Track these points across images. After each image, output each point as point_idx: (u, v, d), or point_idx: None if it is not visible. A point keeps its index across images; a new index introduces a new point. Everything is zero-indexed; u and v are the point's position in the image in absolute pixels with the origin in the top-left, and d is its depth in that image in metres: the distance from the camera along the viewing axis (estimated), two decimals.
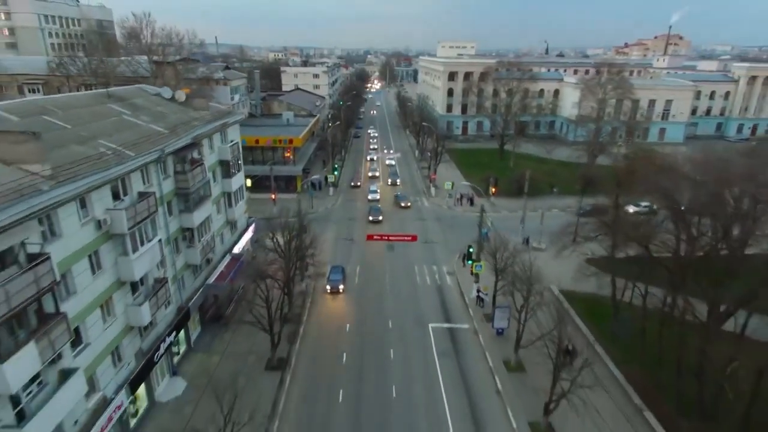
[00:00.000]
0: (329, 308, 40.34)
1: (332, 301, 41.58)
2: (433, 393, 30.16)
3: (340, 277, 43.63)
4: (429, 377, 31.66)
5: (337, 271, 44.50)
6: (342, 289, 42.70)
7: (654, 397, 27.76)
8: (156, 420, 27.06)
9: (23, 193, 18.01)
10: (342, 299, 41.77)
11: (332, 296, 42.21)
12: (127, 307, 25.50)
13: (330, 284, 42.82)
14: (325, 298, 41.97)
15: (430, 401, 29.41)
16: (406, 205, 65.50)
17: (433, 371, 32.24)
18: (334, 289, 42.74)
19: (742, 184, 28.65)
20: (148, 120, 31.99)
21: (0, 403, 17.10)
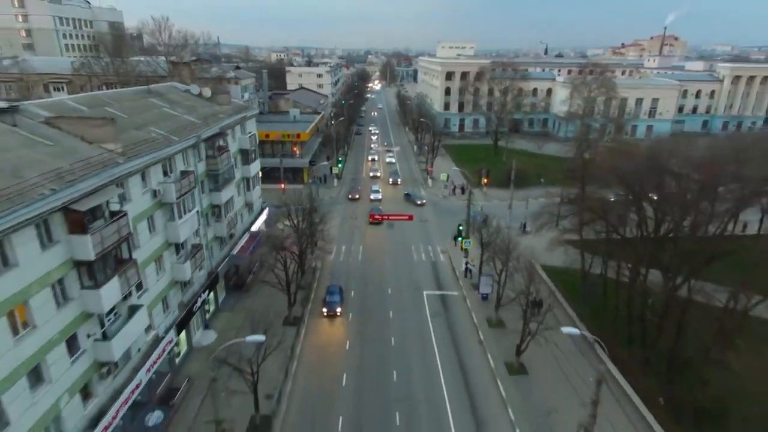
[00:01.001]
0: (337, 277, 45.69)
1: (339, 270, 46.97)
2: (426, 343, 35.66)
3: (337, 299, 39.47)
4: (422, 332, 37.15)
5: (334, 291, 40.29)
6: (340, 312, 38.79)
7: (607, 338, 33.29)
8: (194, 360, 32.56)
9: (106, 164, 23.56)
10: (346, 270, 47.15)
11: (341, 267, 47.32)
12: (173, 264, 31.04)
13: (326, 307, 38.85)
14: (333, 268, 47.32)
15: (423, 349, 34.89)
16: (421, 203, 66.85)
17: (426, 327, 37.74)
18: (331, 312, 38.58)
19: (682, 172, 33.87)
20: (182, 112, 37.48)
21: (92, 323, 22.60)
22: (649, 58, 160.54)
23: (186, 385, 29.57)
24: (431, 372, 32.37)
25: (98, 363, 22.98)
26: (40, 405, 19.25)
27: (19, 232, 17.87)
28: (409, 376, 31.90)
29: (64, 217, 20.31)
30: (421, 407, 29.06)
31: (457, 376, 32.01)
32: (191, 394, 29.36)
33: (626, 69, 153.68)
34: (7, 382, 17.51)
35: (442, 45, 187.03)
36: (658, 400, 28.60)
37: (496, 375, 31.67)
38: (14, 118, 23.64)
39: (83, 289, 21.52)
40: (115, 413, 23.50)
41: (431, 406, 29.10)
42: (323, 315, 38.65)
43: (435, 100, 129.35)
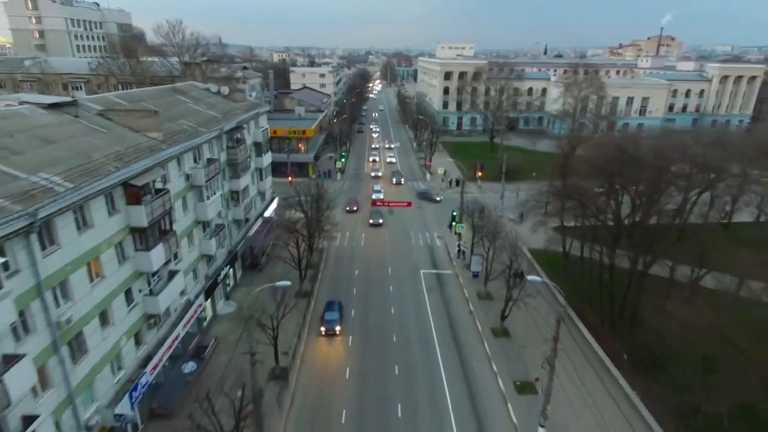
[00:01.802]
0: (341, 260, 50.25)
1: (344, 254, 51.48)
2: (421, 314, 40.17)
3: (336, 316, 36.52)
4: (419, 304, 41.67)
5: (333, 308, 37.56)
6: (339, 331, 35.93)
7: (581, 306, 37.93)
8: (219, 324, 37.12)
9: (152, 149, 28.11)
10: (350, 254, 51.64)
11: (344, 252, 51.83)
12: (201, 240, 35.60)
13: (325, 325, 35.92)
14: (338, 252, 51.81)
15: (419, 318, 39.40)
16: (438, 199, 69.86)
17: (422, 300, 42.27)
18: (330, 331, 35.59)
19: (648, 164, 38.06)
20: (205, 107, 42.03)
21: (143, 281, 27.13)
22: (643, 59, 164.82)
23: (213, 344, 34.07)
24: (427, 337, 36.83)
25: (147, 315, 27.53)
26: (107, 342, 23.78)
27: (94, 200, 22.40)
28: (408, 340, 36.34)
29: (124, 190, 24.85)
30: (418, 362, 33.53)
31: (449, 340, 36.50)
32: (218, 351, 33.86)
33: (620, 69, 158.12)
34: (87, 318, 22.05)
35: (441, 45, 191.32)
36: (622, 357, 33.10)
37: (483, 338, 36.21)
38: (76, 110, 28.17)
39: (137, 251, 26.08)
40: (160, 358, 28.05)
41: (426, 364, 33.57)
42: (321, 334, 35.85)
43: (434, 99, 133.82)
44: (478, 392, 30.72)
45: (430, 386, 31.22)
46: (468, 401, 29.94)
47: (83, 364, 21.88)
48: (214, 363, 32.71)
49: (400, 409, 29.02)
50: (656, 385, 29.67)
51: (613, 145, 43.72)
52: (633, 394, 29.45)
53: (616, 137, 55.51)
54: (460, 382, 31.71)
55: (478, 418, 28.58)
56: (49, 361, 19.60)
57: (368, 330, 37.51)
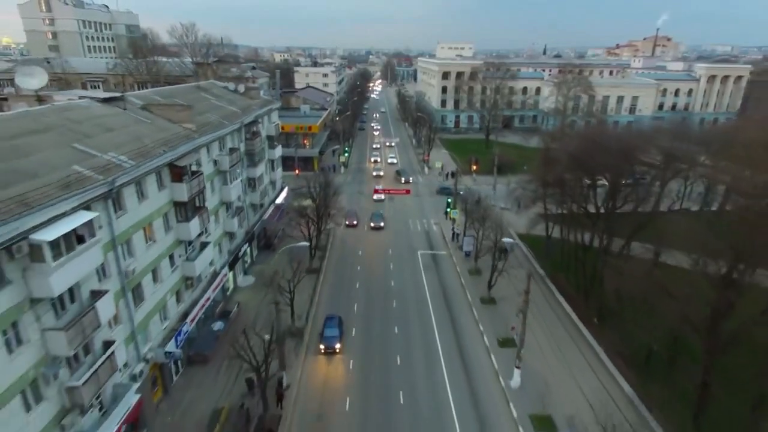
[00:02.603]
0: (346, 241, 55.23)
1: (348, 236, 56.47)
2: (418, 287, 45.19)
3: (336, 333, 34.96)
4: (416, 279, 46.67)
5: (332, 324, 35.88)
6: (339, 349, 34.31)
7: (558, 278, 42.94)
8: (239, 294, 42.15)
9: (189, 137, 33.13)
10: (355, 235, 56.57)
11: (349, 235, 56.74)
12: (225, 219, 40.63)
13: (324, 343, 34.32)
14: (344, 235, 56.73)
15: (416, 290, 44.41)
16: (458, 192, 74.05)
17: (419, 276, 47.28)
18: (330, 349, 33.99)
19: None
20: (225, 103, 47.03)
21: (181, 249, 32.12)
22: (635, 59, 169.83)
23: (236, 309, 39.06)
24: (422, 305, 41.82)
25: (185, 277, 32.57)
26: (157, 295, 28.80)
27: (149, 176, 27.42)
28: (406, 309, 41.34)
29: (170, 170, 29.86)
30: (414, 325, 38.54)
31: (443, 308, 41.50)
32: (241, 314, 38.83)
33: (614, 69, 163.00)
34: (144, 272, 27.06)
35: (441, 46, 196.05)
36: (592, 319, 38.13)
37: (472, 305, 41.25)
38: (124, 104, 33.19)
39: (178, 222, 31.10)
40: (195, 314, 33.09)
41: (422, 326, 38.58)
42: (320, 352, 34.35)
43: (432, 98, 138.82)
44: (467, 347, 35.76)
45: (424, 342, 36.24)
46: (458, 354, 34.96)
47: (141, 309, 26.91)
48: (238, 323, 37.59)
49: (399, 359, 34.05)
50: (616, 337, 34.68)
51: (585, 138, 48.70)
52: (597, 346, 34.50)
53: (589, 131, 59.92)
54: (451, 340, 36.72)
55: (465, 366, 33.61)
56: (119, 302, 24.59)
57: (371, 299, 42.55)
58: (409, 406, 29.63)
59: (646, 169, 45.38)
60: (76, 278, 19.94)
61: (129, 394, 24.37)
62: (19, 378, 17.93)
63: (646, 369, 31.61)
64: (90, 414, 21.92)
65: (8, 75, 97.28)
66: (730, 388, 25.80)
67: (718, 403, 25.99)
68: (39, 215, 18.21)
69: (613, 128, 59.36)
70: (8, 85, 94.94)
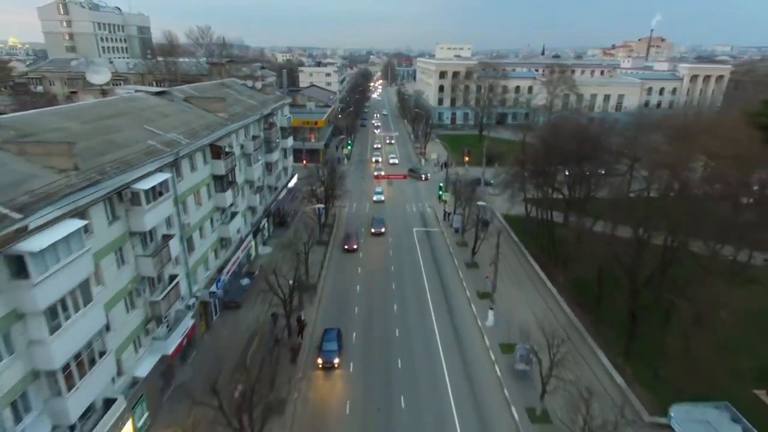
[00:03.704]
0: (351, 218, 62.44)
1: (352, 215, 63.65)
2: (413, 255, 52.45)
3: (335, 347, 33.72)
4: (411, 250, 53.93)
5: (331, 337, 34.69)
6: (338, 364, 32.97)
7: (536, 249, 50.20)
8: (260, 260, 49.39)
9: (223, 124, 40.43)
10: (358, 218, 63.77)
11: (352, 216, 63.94)
12: (248, 195, 47.91)
13: (322, 357, 33.05)
14: (348, 215, 63.94)
15: (412, 258, 51.66)
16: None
17: (414, 247, 54.55)
18: (328, 363, 32.67)
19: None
20: (246, 98, 54.31)
21: (218, 215, 39.40)
22: (625, 59, 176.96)
23: (259, 270, 46.29)
24: (416, 269, 49.07)
25: (220, 238, 39.86)
26: (202, 248, 36.09)
27: (197, 153, 34.68)
28: (402, 274, 48.53)
29: (210, 149, 37.11)
30: (408, 283, 45.80)
31: (433, 271, 48.76)
32: (263, 274, 45.92)
33: (605, 69, 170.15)
34: (194, 228, 34.33)
35: (440, 46, 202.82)
36: (559, 278, 45.34)
37: (458, 268, 48.57)
38: (171, 96, 40.47)
39: (217, 192, 38.38)
40: (228, 269, 40.36)
41: (416, 282, 45.84)
42: (319, 367, 33.07)
43: (430, 96, 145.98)
44: (452, 298, 43.08)
45: (417, 297, 43.49)
46: (444, 304, 42.27)
47: (193, 256, 34.21)
48: (260, 281, 44.88)
49: (395, 308, 41.35)
50: (568, 283, 41.98)
51: (551, 130, 56.04)
52: (558, 296, 41.82)
53: (554, 123, 66.19)
54: (440, 294, 44.01)
55: (451, 311, 40.93)
56: (179, 246, 31.84)
57: (372, 266, 49.79)
58: (404, 339, 36.89)
59: (610, 158, 52.49)
60: (157, 221, 27.26)
61: (186, 318, 31.65)
62: (123, 288, 25.21)
63: (589, 303, 39.02)
64: (162, 327, 29.19)
65: (36, 74, 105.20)
66: (649, 319, 33.19)
67: (641, 329, 33.35)
68: (135, 172, 25.50)
69: (579, 121, 65.38)
70: (37, 84, 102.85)
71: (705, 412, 25.30)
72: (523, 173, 55.94)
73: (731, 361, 31.29)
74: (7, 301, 17.34)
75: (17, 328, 17.91)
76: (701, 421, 24.76)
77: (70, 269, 19.12)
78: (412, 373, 33.13)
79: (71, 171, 21.80)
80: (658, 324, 32.90)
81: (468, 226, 52.99)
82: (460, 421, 28.88)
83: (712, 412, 25.29)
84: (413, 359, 34.68)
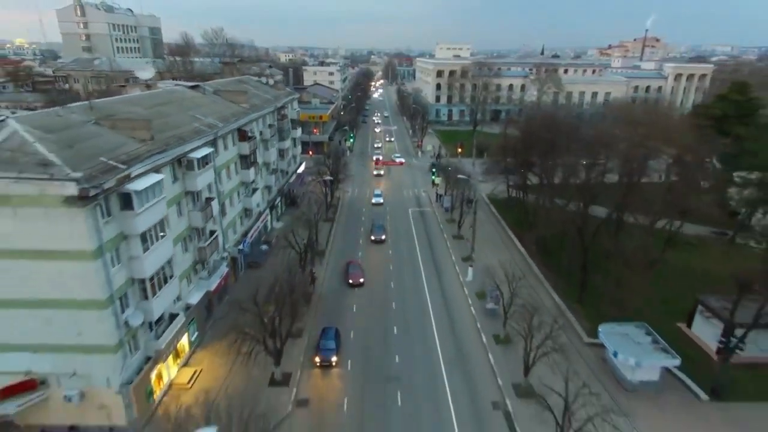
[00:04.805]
0: (353, 201, 70.15)
1: (354, 200, 71.36)
2: (408, 229, 60.22)
3: (333, 346, 34.20)
4: (406, 225, 61.67)
5: (329, 336, 35.16)
6: (335, 362, 33.50)
7: (514, 223, 57.98)
8: (275, 232, 57.12)
9: (246, 113, 48.15)
10: (360, 199, 71.46)
11: (355, 197, 71.65)
12: (265, 175, 55.65)
13: (320, 355, 33.52)
14: (350, 196, 71.64)
15: (407, 231, 59.41)
16: None
17: (408, 223, 62.28)
18: (326, 362, 33.22)
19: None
20: (262, 92, 62.04)
21: (242, 189, 47.12)
22: (615, 59, 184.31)
23: (275, 239, 53.99)
24: (410, 240, 56.78)
25: (245, 208, 47.58)
26: (231, 214, 43.78)
27: (228, 135, 42.40)
28: (398, 241, 56.28)
29: (238, 132, 44.83)
30: (403, 251, 53.48)
31: (425, 242, 56.44)
32: (278, 243, 53.73)
33: (596, 68, 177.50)
34: (226, 195, 42.03)
35: (440, 46, 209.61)
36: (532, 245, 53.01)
37: (447, 240, 56.30)
38: (203, 90, 48.19)
39: (241, 169, 46.09)
40: (251, 235, 48.07)
41: (410, 252, 53.50)
42: (316, 365, 33.57)
43: (428, 94, 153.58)
44: (440, 262, 50.77)
45: (411, 260, 51.17)
46: (433, 266, 49.98)
47: (226, 218, 41.94)
48: (277, 248, 52.66)
49: (391, 268, 49.09)
50: (538, 250, 49.66)
51: (528, 122, 63.77)
52: (522, 250, 49.55)
53: (533, 116, 73.38)
54: (430, 258, 51.72)
55: (438, 271, 48.62)
56: (217, 209, 39.55)
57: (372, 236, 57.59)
58: (398, 291, 44.59)
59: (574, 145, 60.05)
60: (205, 183, 35.02)
61: (222, 266, 39.41)
62: (180, 233, 32.92)
63: (551, 260, 46.75)
64: (205, 270, 36.90)
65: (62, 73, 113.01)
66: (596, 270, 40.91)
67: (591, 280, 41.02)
68: (188, 145, 33.23)
69: (553, 115, 72.21)
70: (63, 82, 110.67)
71: (625, 328, 32.76)
72: (505, 159, 63.73)
73: (665, 303, 39.18)
74: (118, 226, 25.09)
75: (123, 246, 25.65)
76: (622, 334, 32.26)
77: (155, 208, 26.89)
78: (404, 313, 40.85)
79: (149, 141, 29.56)
80: (602, 275, 40.50)
81: (456, 205, 60.69)
82: (441, 346, 36.49)
83: (631, 329, 32.77)
84: (405, 303, 42.46)
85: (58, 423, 26.51)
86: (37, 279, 23.42)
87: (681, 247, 44.92)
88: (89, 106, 31.06)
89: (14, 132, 24.21)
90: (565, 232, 43.02)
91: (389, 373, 33.14)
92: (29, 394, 25.19)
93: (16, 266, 23.22)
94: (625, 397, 30.31)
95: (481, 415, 29.62)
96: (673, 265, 44.65)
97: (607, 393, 30.38)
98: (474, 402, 30.66)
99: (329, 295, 43.80)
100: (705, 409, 29.91)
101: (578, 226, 40.53)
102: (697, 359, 33.70)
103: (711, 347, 34.10)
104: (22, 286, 23.52)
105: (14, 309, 24.01)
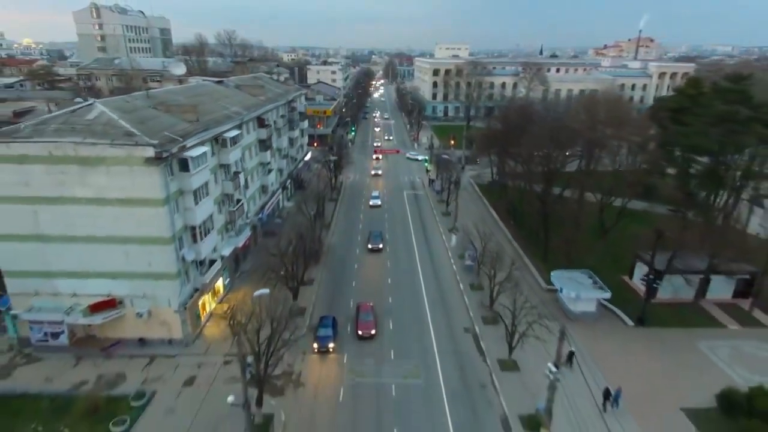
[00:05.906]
0: (354, 185, 78.41)
1: (356, 185, 79.56)
2: (403, 208, 68.40)
3: (330, 333, 35.45)
4: (401, 207, 69.81)
5: (327, 324, 36.40)
6: (333, 348, 34.70)
7: (499, 205, 66.28)
8: (286, 209, 65.33)
9: (263, 104, 56.40)
10: (361, 183, 79.60)
11: (356, 182, 79.86)
12: (278, 159, 63.86)
13: (318, 342, 34.85)
14: (352, 182, 79.88)
15: (402, 212, 67.54)
16: None
17: (404, 205, 70.43)
18: (323, 348, 34.55)
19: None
20: (274, 87, 70.28)
21: (261, 169, 55.36)
22: (604, 59, 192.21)
23: (286, 214, 62.21)
24: (404, 217, 64.98)
25: (262, 185, 55.81)
26: (252, 189, 51.95)
27: (250, 122, 50.58)
28: (394, 217, 64.48)
29: (257, 120, 53.02)
30: (399, 226, 61.67)
31: (418, 219, 64.65)
32: (288, 219, 61.95)
33: (587, 67, 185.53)
34: (248, 173, 50.22)
35: (439, 46, 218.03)
36: (508, 217, 61.15)
37: (436, 216, 64.59)
38: (226, 84, 56.40)
39: (260, 152, 54.29)
40: (267, 208, 56.28)
41: (404, 227, 61.68)
42: (314, 351, 34.74)
43: (425, 92, 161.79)
44: (429, 233, 59.03)
45: (404, 233, 59.39)
46: (423, 236, 58.21)
47: (248, 191, 50.13)
48: (289, 221, 60.93)
49: (388, 236, 57.30)
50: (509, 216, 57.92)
51: (506, 114, 71.96)
52: (495, 215, 57.78)
53: (510, 109, 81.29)
54: (421, 231, 59.94)
55: (427, 241, 56.87)
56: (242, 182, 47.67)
57: (372, 214, 65.71)
58: (393, 255, 52.75)
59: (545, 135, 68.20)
60: (235, 159, 43.22)
61: (246, 230, 47.64)
62: (217, 197, 41.09)
63: (521, 226, 55.00)
64: (233, 231, 45.11)
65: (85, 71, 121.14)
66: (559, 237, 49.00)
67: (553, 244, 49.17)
68: (222, 127, 41.44)
69: (528, 108, 79.72)
70: (86, 80, 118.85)
71: (572, 274, 40.86)
72: (488, 148, 72.02)
73: (614, 261, 47.33)
74: (178, 183, 33.28)
75: (180, 199, 33.84)
76: (570, 278, 40.34)
77: (202, 173, 35.14)
78: (397, 269, 49.08)
79: (195, 122, 37.79)
80: (564, 240, 48.64)
81: (444, 187, 68.89)
82: (426, 292, 44.65)
83: (577, 274, 40.84)
84: (398, 262, 50.75)
85: (130, 336, 34.72)
86: (122, 221, 31.61)
87: (635, 219, 53.07)
88: (147, 95, 39.28)
89: (102, 112, 32.45)
90: (531, 204, 51.24)
91: (384, 309, 41.35)
92: (110, 311, 33.43)
93: (108, 211, 31.40)
94: (569, 325, 38.44)
95: (455, 337, 37.80)
96: (628, 233, 52.77)
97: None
98: (450, 328, 38.85)
99: (335, 256, 51.96)
100: (631, 333, 38.09)
101: (541, 199, 48.77)
102: (631, 300, 41.83)
103: (643, 291, 42.18)
104: (111, 227, 31.70)
105: (104, 244, 32.18)
